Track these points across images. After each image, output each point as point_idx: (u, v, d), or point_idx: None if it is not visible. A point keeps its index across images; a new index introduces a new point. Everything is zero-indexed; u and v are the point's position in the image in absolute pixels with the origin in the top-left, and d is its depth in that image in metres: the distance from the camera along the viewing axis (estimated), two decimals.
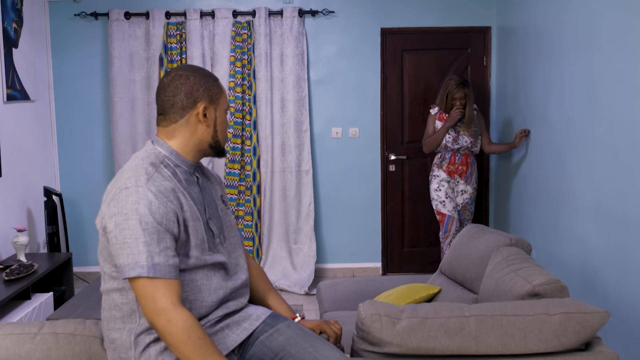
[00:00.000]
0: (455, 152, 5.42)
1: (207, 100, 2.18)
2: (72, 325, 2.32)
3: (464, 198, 5.51)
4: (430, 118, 5.53)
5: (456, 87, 5.29)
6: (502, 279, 2.82)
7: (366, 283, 3.92)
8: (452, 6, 6.14)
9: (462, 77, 5.43)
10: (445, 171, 5.44)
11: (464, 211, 5.55)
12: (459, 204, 5.51)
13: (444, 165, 5.44)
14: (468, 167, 5.46)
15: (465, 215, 5.56)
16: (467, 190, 5.48)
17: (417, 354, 2.28)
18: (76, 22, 6.04)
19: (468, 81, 5.40)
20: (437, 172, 5.48)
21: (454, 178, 5.45)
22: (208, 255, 2.15)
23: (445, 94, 5.37)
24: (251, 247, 6.07)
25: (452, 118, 5.30)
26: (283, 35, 6.03)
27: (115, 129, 6.00)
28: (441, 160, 5.47)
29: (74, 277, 5.52)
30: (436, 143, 5.42)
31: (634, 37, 3.49)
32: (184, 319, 1.95)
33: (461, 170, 5.44)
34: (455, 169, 5.43)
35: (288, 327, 2.27)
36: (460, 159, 5.43)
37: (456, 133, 5.39)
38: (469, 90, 5.34)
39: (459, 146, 5.39)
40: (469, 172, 5.46)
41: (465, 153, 5.44)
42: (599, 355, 2.32)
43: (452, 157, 5.44)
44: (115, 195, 2.02)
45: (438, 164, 5.49)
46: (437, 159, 5.53)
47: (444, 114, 5.44)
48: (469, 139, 5.40)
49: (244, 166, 6.06)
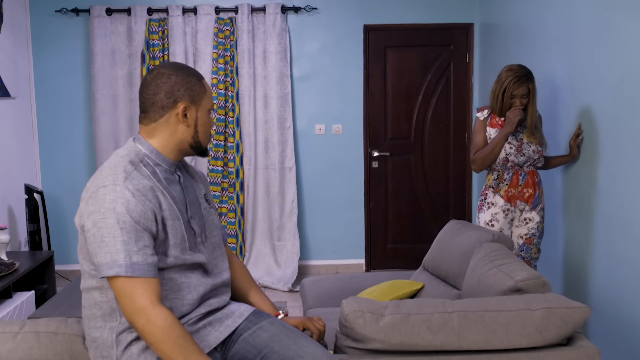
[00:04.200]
0: (519, 169, 4.00)
1: (188, 100, 2.15)
2: (53, 323, 2.30)
3: (529, 228, 4.03)
4: (477, 125, 4.11)
5: (516, 81, 3.89)
6: (484, 274, 2.83)
7: (350, 280, 3.92)
8: (435, 3, 6.15)
9: (524, 66, 3.96)
10: (504, 197, 4.00)
11: (529, 246, 4.05)
12: (522, 236, 4.05)
13: (502, 189, 4.01)
14: (535, 189, 4.01)
15: (531, 252, 4.06)
16: (533, 218, 4.02)
17: (400, 350, 2.29)
18: (57, 18, 5.99)
19: (532, 73, 3.97)
20: (491, 198, 4.05)
21: (516, 205, 4.03)
22: (188, 254, 2.14)
23: (501, 91, 3.95)
24: (234, 244, 6.06)
25: (510, 121, 3.90)
26: (266, 32, 6.02)
27: (97, 126, 5.97)
28: (498, 182, 4.03)
29: (55, 276, 5.48)
30: (492, 157, 3.98)
31: (614, 33, 3.52)
32: (163, 318, 1.94)
33: (527, 194, 4.00)
34: (518, 193, 4.00)
35: (271, 324, 2.26)
36: (525, 178, 3.99)
37: (518, 141, 3.98)
38: (533, 85, 3.94)
39: (525, 159, 3.97)
40: (536, 196, 4.01)
41: (530, 170, 4.02)
42: (581, 350, 2.34)
43: (515, 177, 4.00)
44: (93, 193, 2.01)
45: (494, 187, 4.04)
46: (492, 179, 4.06)
47: (497, 118, 4.04)
48: (536, 147, 3.98)
49: (227, 163, 6.05)
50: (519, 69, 3.90)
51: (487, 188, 4.08)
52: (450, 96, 6.28)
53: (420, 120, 6.28)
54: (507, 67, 3.96)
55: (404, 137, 6.31)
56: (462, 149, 6.35)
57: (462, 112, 6.30)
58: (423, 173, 6.34)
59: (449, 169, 6.37)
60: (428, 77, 6.24)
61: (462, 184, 6.39)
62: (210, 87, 2.26)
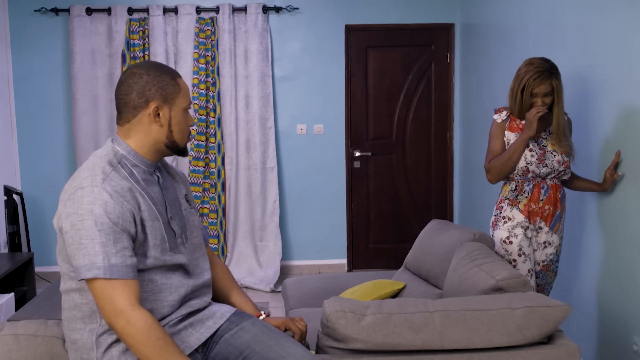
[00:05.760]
0: (541, 181, 3.38)
1: (160, 99, 2.12)
2: (33, 326, 2.28)
3: (548, 254, 3.45)
4: (494, 128, 3.50)
5: (537, 77, 3.26)
6: (466, 274, 2.84)
7: (332, 280, 3.92)
8: (416, 3, 6.17)
9: (547, 60, 3.32)
10: (524, 212, 3.38)
11: (546, 273, 3.49)
12: (539, 262, 3.47)
13: (521, 202, 3.39)
14: (557, 206, 3.40)
15: (547, 278, 3.52)
16: (552, 241, 3.43)
17: (382, 350, 2.29)
18: (36, 18, 5.94)
19: (556, 67, 3.33)
20: (509, 211, 3.42)
21: (535, 223, 3.41)
22: (168, 255, 2.12)
23: (520, 89, 3.32)
24: (216, 244, 6.04)
25: (530, 123, 3.27)
26: (247, 32, 6.00)
27: (77, 127, 5.92)
28: (516, 194, 3.42)
29: (35, 277, 5.44)
30: (510, 165, 3.37)
31: (594, 32, 3.54)
32: (142, 320, 1.92)
33: (547, 211, 3.38)
34: (538, 209, 3.38)
35: (253, 325, 2.25)
36: (548, 192, 3.37)
37: (541, 149, 3.37)
38: (558, 82, 3.29)
39: (548, 170, 3.34)
40: (557, 214, 3.40)
41: (554, 183, 3.39)
42: (561, 348, 2.36)
43: (536, 190, 3.38)
44: (71, 195, 1.99)
45: (511, 199, 3.42)
46: (509, 190, 3.45)
47: (518, 121, 3.43)
48: (561, 157, 3.36)
49: (209, 163, 6.03)
50: (540, 63, 3.27)
51: (502, 200, 3.46)
52: (431, 96, 6.30)
53: (402, 120, 6.30)
54: (527, 61, 3.33)
55: (385, 137, 6.32)
56: (444, 148, 6.37)
57: (443, 112, 6.32)
58: (405, 173, 6.36)
59: (431, 169, 6.39)
60: (409, 77, 6.26)
61: (444, 184, 6.41)
62: (187, 86, 2.22)
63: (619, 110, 3.32)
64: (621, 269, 3.32)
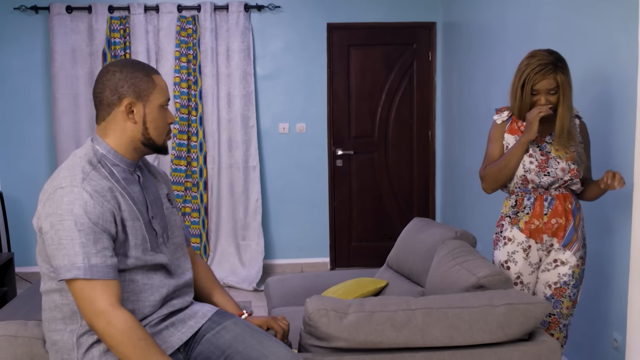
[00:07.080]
0: (544, 192, 2.96)
1: (134, 96, 2.10)
2: (13, 327, 2.26)
3: (561, 274, 2.99)
4: (493, 130, 3.10)
5: (539, 70, 2.84)
6: (447, 271, 2.85)
7: (314, 278, 3.92)
8: (398, 1, 6.18)
9: (553, 52, 2.90)
10: (525, 229, 2.98)
11: (559, 299, 3.01)
12: (550, 285, 3.02)
13: (521, 219, 2.99)
14: (568, 219, 2.95)
15: (561, 306, 3.02)
16: (566, 260, 2.97)
17: (364, 348, 2.30)
18: (16, 16, 5.89)
19: (563, 60, 2.90)
20: (509, 231, 3.04)
21: (542, 242, 2.98)
22: (149, 255, 2.11)
23: (520, 84, 2.91)
24: (198, 244, 6.02)
25: (530, 125, 2.86)
26: (229, 30, 5.98)
27: (58, 126, 5.88)
28: (516, 211, 3.02)
29: (16, 278, 5.40)
30: (506, 173, 2.97)
31: (573, 31, 3.57)
32: (123, 320, 1.92)
33: (555, 225, 2.94)
34: (544, 225, 2.95)
35: (235, 324, 2.25)
36: (553, 204, 2.94)
37: (544, 155, 2.97)
38: (564, 77, 2.87)
39: (551, 180, 2.93)
40: (570, 228, 2.95)
41: (560, 193, 2.95)
42: (542, 345, 2.38)
43: (538, 203, 2.96)
44: (51, 195, 1.98)
45: (511, 216, 3.03)
46: (509, 207, 3.06)
47: (519, 122, 3.04)
48: (567, 165, 2.93)
49: (191, 162, 6.01)
50: (544, 55, 2.86)
51: (503, 217, 3.08)
52: (413, 95, 6.31)
53: (384, 119, 6.31)
54: (530, 53, 2.91)
55: (367, 135, 6.33)
56: (426, 147, 6.39)
57: (425, 110, 6.34)
58: (387, 171, 6.37)
59: (413, 167, 6.40)
60: (391, 75, 6.27)
61: (426, 182, 6.43)
62: (164, 82, 2.20)
63: (602, 109, 3.34)
64: (601, 265, 3.35)
